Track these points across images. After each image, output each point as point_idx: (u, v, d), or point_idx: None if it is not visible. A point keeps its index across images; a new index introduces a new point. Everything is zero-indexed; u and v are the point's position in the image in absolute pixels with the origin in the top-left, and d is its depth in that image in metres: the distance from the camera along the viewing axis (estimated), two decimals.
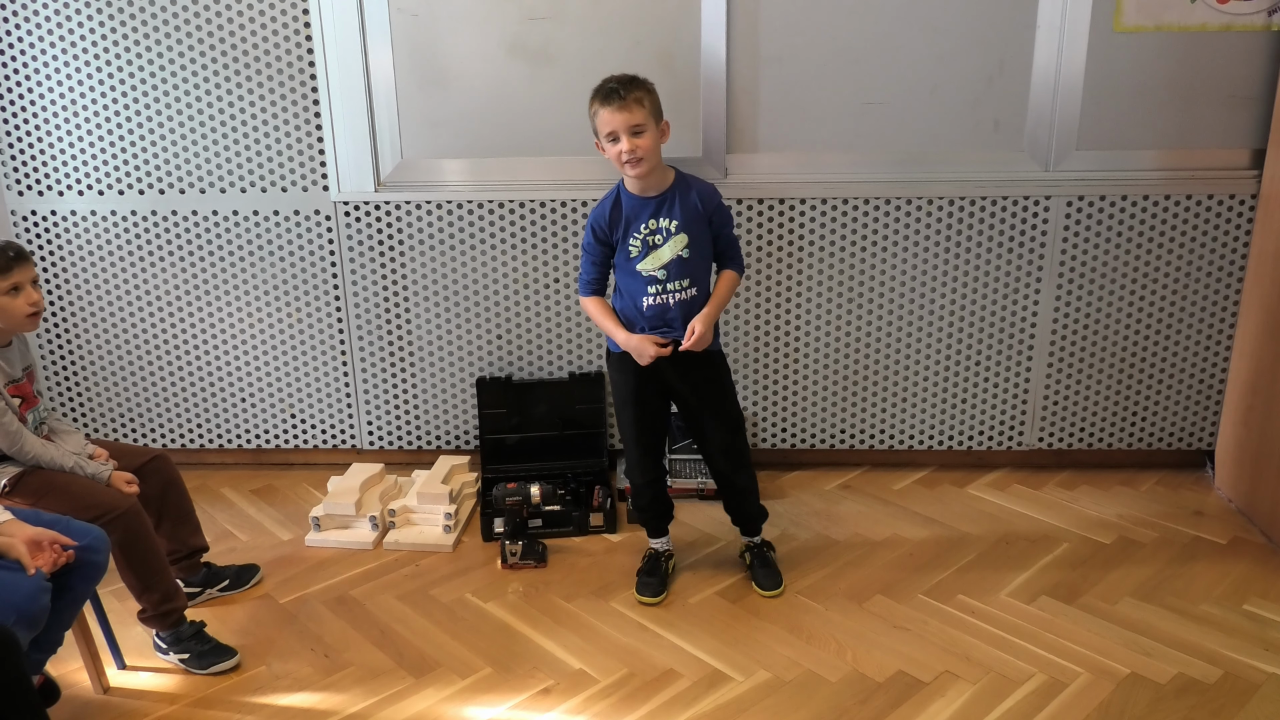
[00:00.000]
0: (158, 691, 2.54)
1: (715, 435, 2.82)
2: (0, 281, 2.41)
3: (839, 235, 3.30)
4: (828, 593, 2.87)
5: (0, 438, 2.45)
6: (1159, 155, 3.19)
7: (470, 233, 3.34)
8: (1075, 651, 2.61)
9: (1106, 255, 3.28)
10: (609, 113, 2.55)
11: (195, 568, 2.87)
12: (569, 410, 3.48)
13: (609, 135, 2.57)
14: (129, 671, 2.62)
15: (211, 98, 3.23)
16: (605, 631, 2.73)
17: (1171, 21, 3.06)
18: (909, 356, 3.42)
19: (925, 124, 3.20)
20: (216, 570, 2.93)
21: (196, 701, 2.50)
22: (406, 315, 3.44)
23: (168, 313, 3.47)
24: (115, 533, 2.41)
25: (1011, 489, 3.44)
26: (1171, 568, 2.96)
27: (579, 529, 3.19)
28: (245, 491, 3.52)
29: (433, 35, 3.17)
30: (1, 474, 2.48)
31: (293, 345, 3.49)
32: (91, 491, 2.49)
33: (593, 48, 3.16)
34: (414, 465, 3.54)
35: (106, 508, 2.45)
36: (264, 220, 3.35)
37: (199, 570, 2.88)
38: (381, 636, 2.73)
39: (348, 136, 3.25)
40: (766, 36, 3.13)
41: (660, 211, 2.65)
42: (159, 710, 2.47)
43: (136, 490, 2.57)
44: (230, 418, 3.59)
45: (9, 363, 2.51)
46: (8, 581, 2.12)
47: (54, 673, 2.52)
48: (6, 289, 2.42)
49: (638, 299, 2.70)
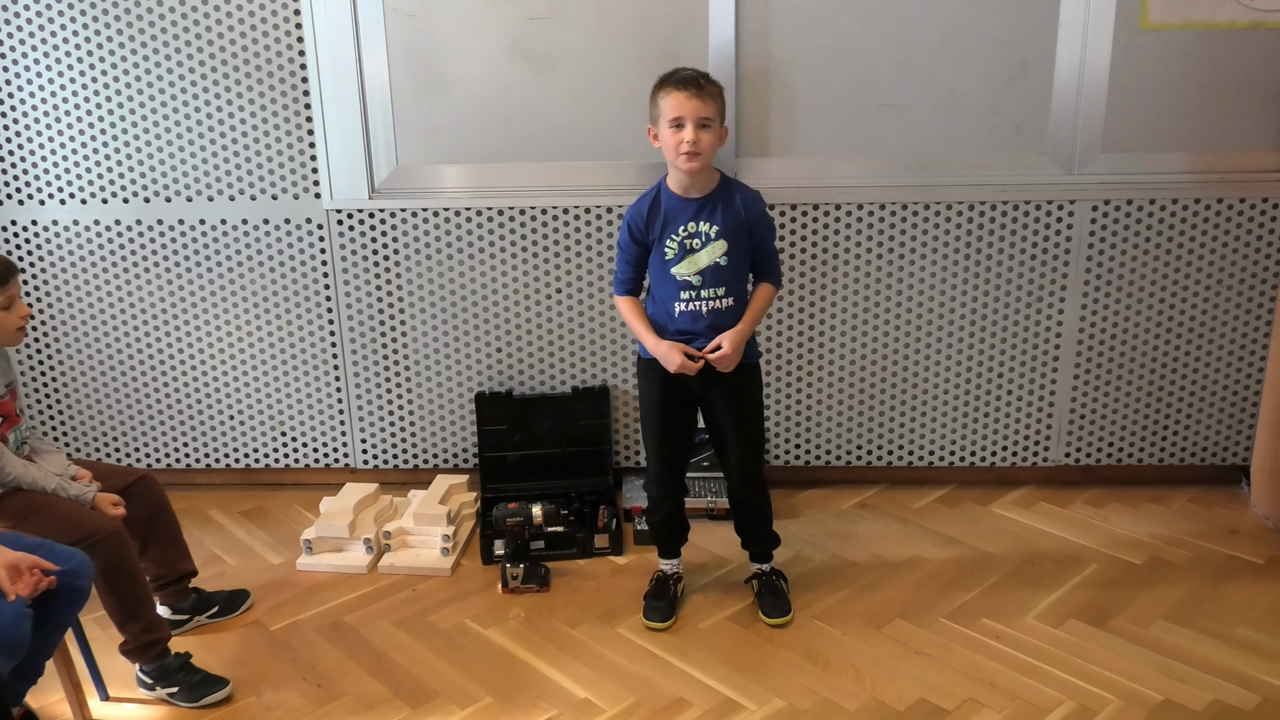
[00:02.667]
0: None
1: (737, 452, 2.81)
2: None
3: (853, 243, 3.30)
4: (845, 617, 2.86)
5: None
6: (1187, 158, 3.19)
7: (469, 241, 3.34)
8: (1105, 678, 2.59)
9: (1134, 262, 3.28)
10: (683, 98, 2.55)
11: (184, 593, 2.86)
12: (573, 426, 3.47)
13: (675, 120, 2.56)
14: (112, 703, 2.61)
15: (199, 102, 3.24)
16: (611, 659, 2.72)
17: (1199, 18, 3.07)
18: (928, 369, 3.42)
19: (943, 127, 3.20)
20: (206, 596, 2.92)
21: None
22: (402, 328, 3.44)
23: (153, 326, 3.47)
24: (99, 557, 2.40)
25: (1037, 507, 3.43)
26: (1206, 589, 2.95)
27: (583, 551, 3.18)
28: (234, 513, 3.52)
29: (430, 36, 3.18)
30: None
31: (283, 360, 3.49)
32: (74, 514, 2.48)
33: (597, 49, 3.17)
34: (410, 485, 3.54)
35: (90, 531, 2.44)
36: (253, 229, 3.35)
37: (188, 596, 2.87)
38: (377, 665, 2.72)
39: (341, 142, 3.26)
40: (777, 37, 3.14)
41: (701, 215, 2.66)
42: None
43: (122, 513, 2.57)
44: (218, 436, 3.59)
45: None
46: None
47: (34, 704, 2.50)
48: (3, 303, 2.45)
49: (669, 304, 2.70)
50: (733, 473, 2.87)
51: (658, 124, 2.62)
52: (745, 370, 2.75)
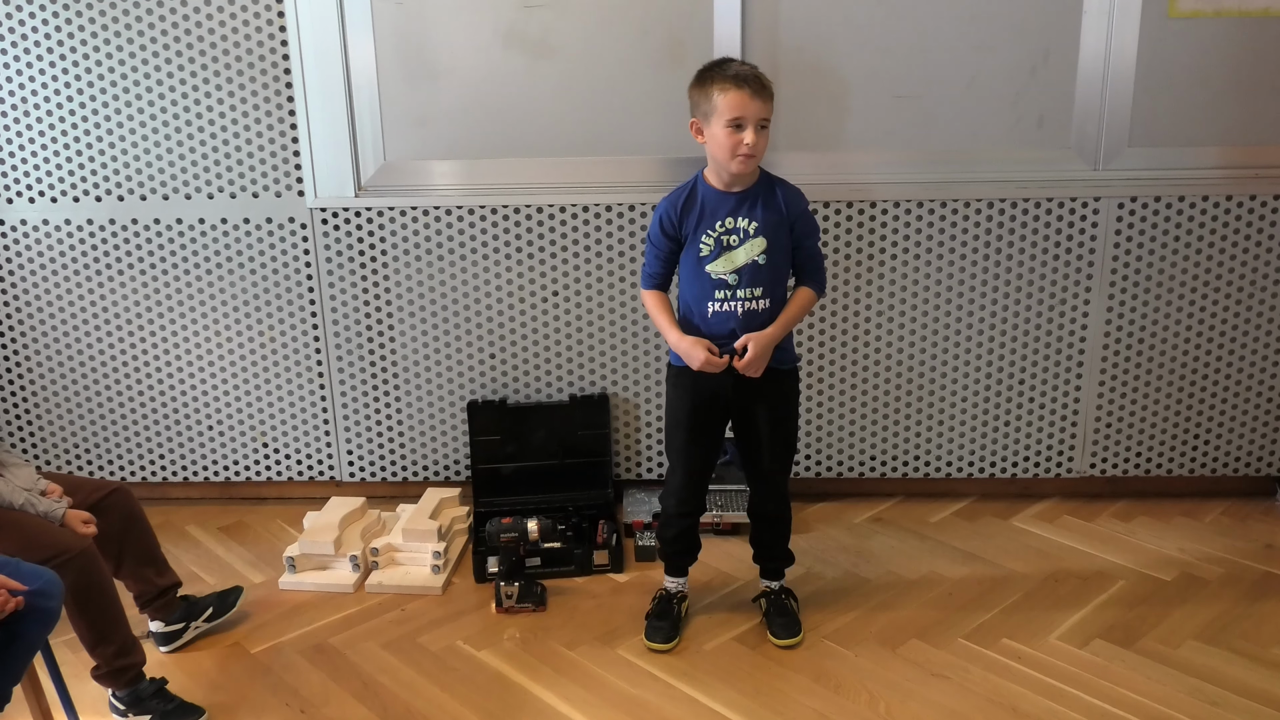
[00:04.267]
0: None
1: (768, 464, 2.81)
2: None
3: (865, 242, 3.30)
4: (858, 637, 2.86)
5: None
6: (1219, 152, 3.19)
7: (461, 241, 3.34)
8: (1134, 701, 2.59)
9: (1163, 262, 3.28)
10: (745, 97, 2.52)
11: (172, 605, 2.85)
12: (570, 437, 3.47)
13: (734, 121, 2.53)
14: None
15: (175, 95, 3.23)
16: (611, 682, 2.72)
17: (1231, 6, 3.07)
18: (945, 375, 3.42)
19: (962, 119, 3.21)
20: (196, 601, 2.92)
21: None
22: (390, 333, 3.44)
23: (128, 331, 3.46)
24: (69, 576, 2.38)
25: (1061, 521, 3.43)
26: (1240, 607, 2.95)
27: (582, 568, 3.18)
28: (213, 529, 3.51)
29: (419, 25, 3.18)
30: None
31: (265, 367, 3.49)
32: (43, 531, 2.46)
33: (596, 37, 3.17)
34: (399, 499, 3.53)
35: (59, 549, 2.42)
36: (233, 229, 3.35)
37: (177, 607, 2.87)
38: (364, 689, 2.71)
39: (325, 136, 3.26)
40: (786, 24, 3.14)
41: (740, 210, 2.63)
42: None
43: (93, 530, 2.55)
44: (197, 447, 3.58)
45: None
46: None
47: None
48: None
49: (702, 304, 2.67)
50: (759, 484, 2.86)
51: (708, 120, 2.57)
52: (781, 377, 2.74)
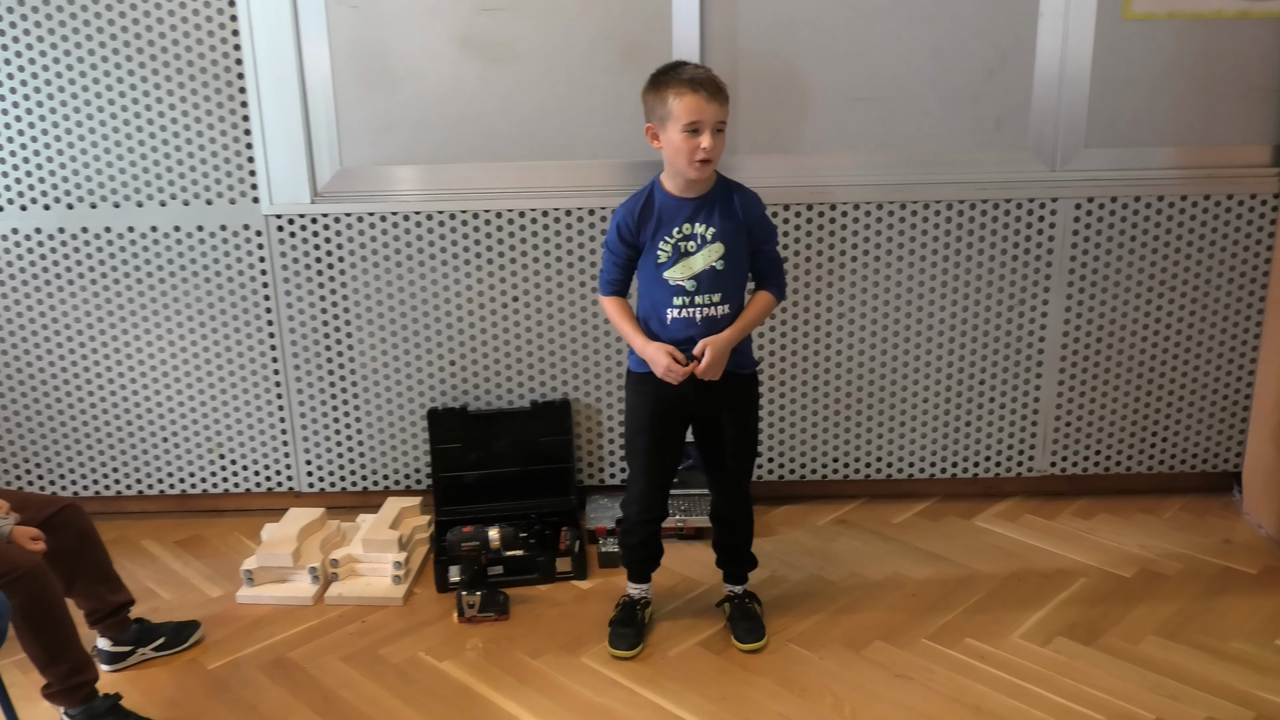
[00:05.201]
0: None
1: (730, 468, 2.82)
2: None
3: (826, 244, 3.32)
4: (823, 640, 2.87)
5: None
6: (1174, 153, 3.23)
7: (419, 247, 3.33)
8: (1096, 698, 2.61)
9: (1119, 261, 3.32)
10: (700, 101, 2.51)
11: (124, 624, 2.82)
12: (532, 444, 3.47)
13: (690, 125, 2.52)
14: None
15: (126, 100, 3.21)
16: (576, 690, 2.71)
17: (1185, 8, 3.11)
18: (907, 376, 3.45)
19: (921, 122, 3.23)
20: (150, 627, 2.89)
21: None
22: (349, 341, 3.43)
23: (79, 343, 3.43)
24: (16, 596, 2.36)
25: (1023, 520, 3.46)
26: (1199, 602, 2.99)
27: (545, 576, 3.18)
28: (169, 543, 3.48)
29: (376, 29, 3.17)
30: None
31: (221, 377, 3.47)
32: None
33: (555, 41, 3.17)
34: (359, 509, 3.52)
35: (7, 567, 2.39)
36: (187, 237, 3.33)
37: (128, 628, 2.84)
38: (325, 704, 2.70)
39: (280, 142, 3.24)
40: (745, 27, 3.16)
41: (698, 216, 2.64)
42: None
43: (42, 548, 2.51)
44: (151, 460, 3.55)
45: None
46: None
47: None
48: None
49: (661, 310, 2.68)
50: (720, 488, 2.87)
51: (664, 125, 2.57)
52: (741, 381, 2.75)
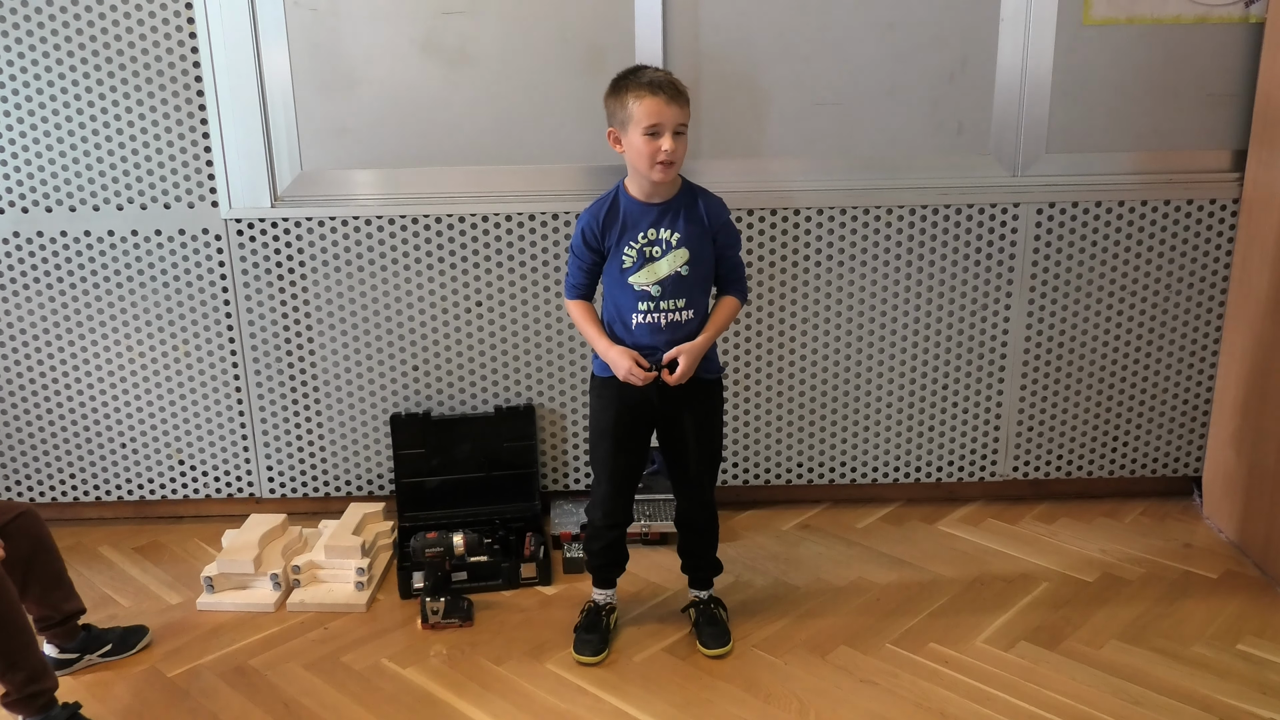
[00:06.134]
0: None
1: (695, 472, 2.83)
2: None
3: (789, 249, 3.34)
4: (787, 645, 2.88)
5: None
6: (1134, 158, 3.27)
7: (381, 252, 3.34)
8: (1058, 702, 2.64)
9: (1081, 266, 3.36)
10: (660, 104, 2.52)
11: (72, 632, 2.82)
12: (496, 449, 3.47)
13: (651, 128, 2.53)
14: None
15: (81, 103, 3.19)
16: (540, 696, 2.72)
17: (1144, 13, 3.15)
18: (870, 381, 3.47)
19: (882, 126, 3.25)
20: (98, 633, 2.88)
21: None
22: (310, 345, 3.43)
23: (35, 348, 3.41)
24: None
25: (985, 524, 3.49)
26: (1160, 606, 3.02)
27: (509, 582, 3.18)
28: (127, 550, 3.46)
29: (335, 33, 3.17)
30: None
31: (180, 382, 3.45)
32: None
33: (515, 45, 3.17)
34: (321, 515, 3.50)
35: None
36: (144, 241, 3.31)
37: (76, 635, 2.83)
38: (286, 712, 2.69)
39: (239, 146, 3.23)
40: (708, 32, 3.17)
41: (662, 221, 2.65)
42: None
43: (1, 554, 2.52)
44: (108, 466, 3.53)
45: None
46: None
47: None
48: None
49: (626, 315, 2.69)
50: (685, 494, 2.88)
51: (625, 128, 2.58)
52: (706, 386, 2.77)
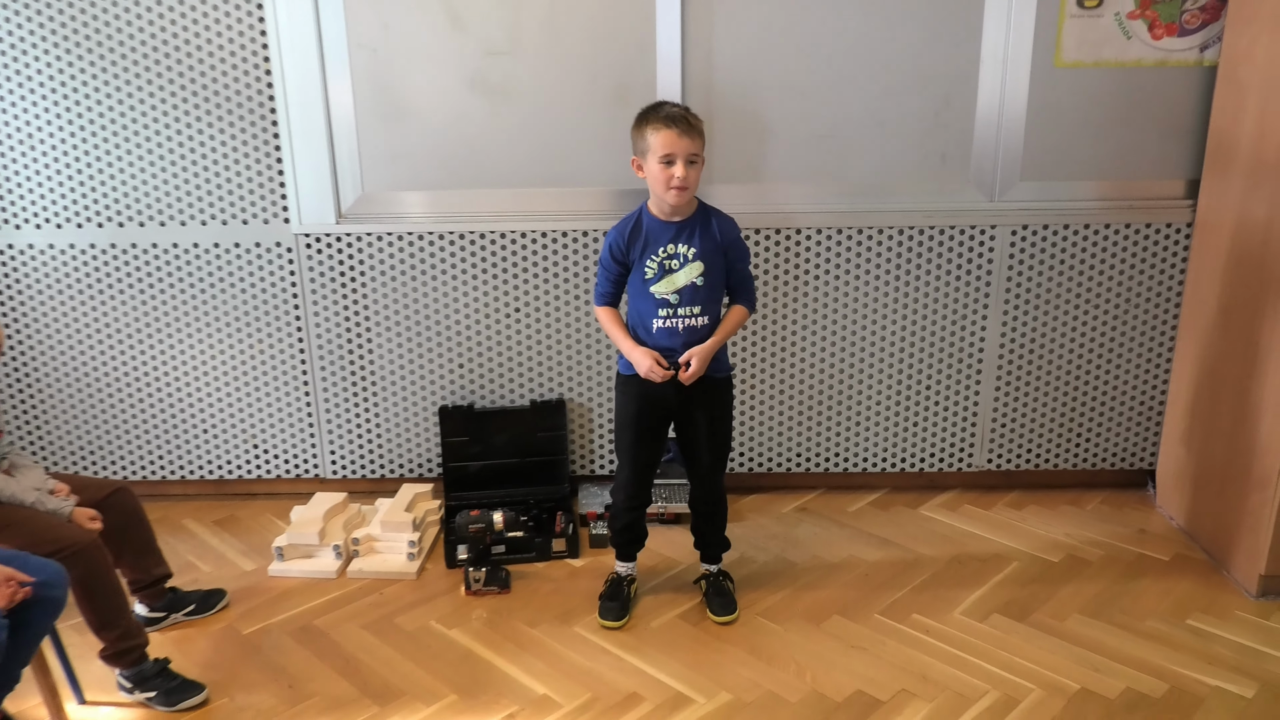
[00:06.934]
0: None
1: (706, 461, 2.81)
2: None
3: (792, 264, 3.30)
4: (787, 614, 2.86)
5: None
6: (1099, 186, 3.22)
7: (431, 263, 3.30)
8: (1027, 668, 2.61)
9: (1050, 282, 3.31)
10: (674, 136, 2.51)
11: (160, 594, 2.83)
12: (530, 438, 3.45)
13: (665, 157, 2.52)
14: (89, 707, 2.55)
15: (171, 131, 3.17)
16: (568, 656, 2.71)
17: (1109, 57, 3.10)
18: (861, 381, 3.43)
19: (875, 156, 3.21)
20: (182, 595, 2.89)
21: None
22: (368, 345, 3.39)
23: (128, 345, 3.39)
24: (75, 568, 2.35)
25: (962, 509, 3.45)
26: (1118, 585, 2.98)
27: (541, 555, 3.16)
28: (208, 522, 3.45)
29: (392, 70, 3.14)
30: None
31: (255, 376, 3.43)
32: (51, 526, 2.42)
33: (551, 83, 3.14)
34: (377, 494, 3.50)
35: (66, 543, 2.38)
36: (224, 252, 3.29)
37: (164, 596, 2.84)
38: (346, 666, 2.68)
39: (308, 169, 3.21)
40: (720, 71, 3.14)
41: (680, 237, 2.63)
42: None
43: (99, 526, 2.51)
44: (192, 449, 3.51)
45: None
46: None
47: (12, 709, 2.45)
48: None
49: (647, 320, 2.67)
50: (698, 481, 2.86)
51: (644, 157, 2.57)
52: (717, 385, 2.75)
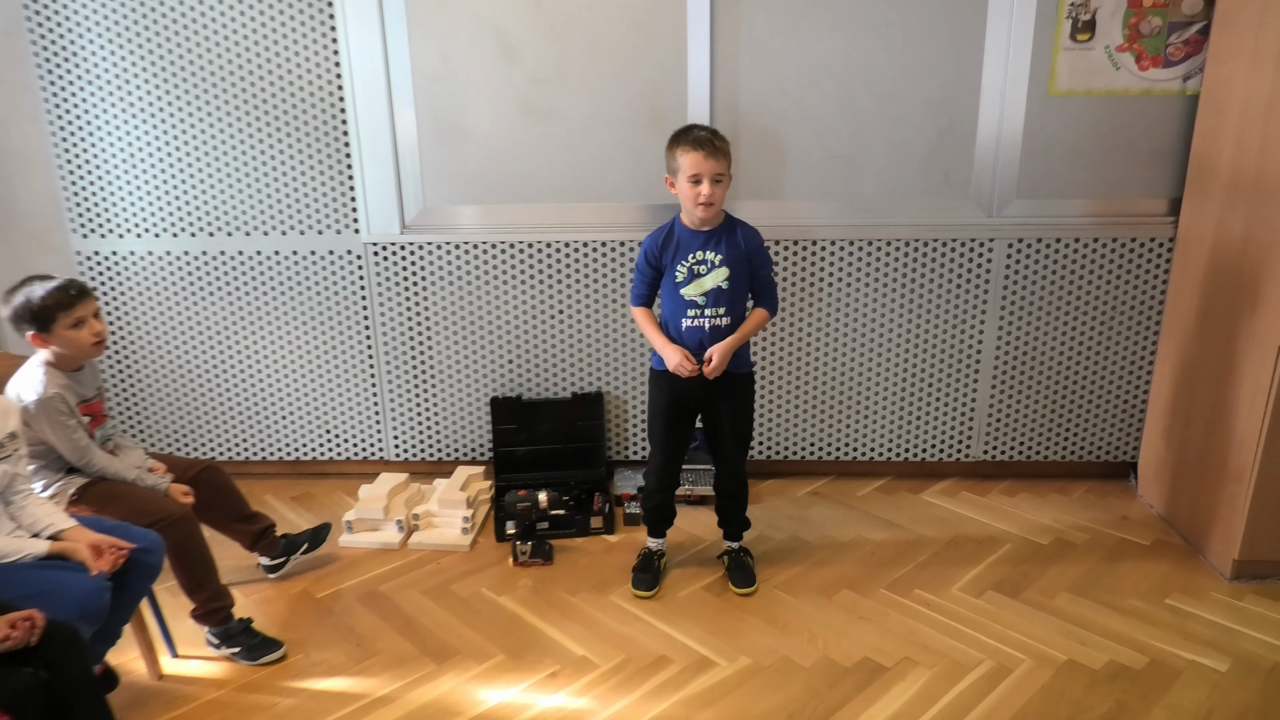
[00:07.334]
0: (206, 678, 2.53)
1: (728, 450, 2.81)
2: (65, 316, 2.39)
3: (808, 273, 3.32)
4: (801, 587, 2.87)
5: (71, 452, 2.45)
6: (1088, 203, 3.21)
7: (484, 269, 3.34)
8: (1019, 640, 2.61)
9: (1043, 290, 3.30)
10: (701, 158, 2.53)
11: (274, 544, 2.88)
12: (572, 427, 3.47)
13: (693, 177, 2.54)
14: (181, 660, 2.61)
15: (256, 152, 3.24)
16: (605, 622, 2.73)
17: (1099, 86, 3.10)
18: (870, 378, 3.43)
19: (884, 175, 3.22)
20: (294, 538, 2.94)
21: (241, 687, 2.49)
22: (428, 341, 3.44)
23: (217, 340, 3.46)
24: (170, 537, 2.40)
25: (960, 496, 3.44)
26: (1102, 566, 2.97)
27: (581, 531, 3.18)
28: (286, 498, 3.50)
29: (451, 97, 3.18)
30: (70, 484, 2.48)
31: (328, 369, 3.48)
32: (149, 500, 2.48)
33: (591, 108, 3.17)
34: (435, 474, 3.53)
35: (162, 514, 2.44)
36: (302, 259, 3.35)
37: (277, 544, 2.89)
38: (407, 626, 2.72)
39: (376, 185, 3.25)
40: (745, 99, 3.15)
41: (708, 245, 2.64)
42: (208, 695, 2.46)
43: (191, 500, 2.56)
44: (272, 433, 3.57)
45: (81, 384, 2.51)
46: (72, 582, 2.12)
47: (113, 662, 2.50)
48: (71, 323, 2.40)
49: (677, 319, 2.69)
50: (722, 467, 2.86)
51: (675, 175, 2.59)
52: (739, 380, 2.75)
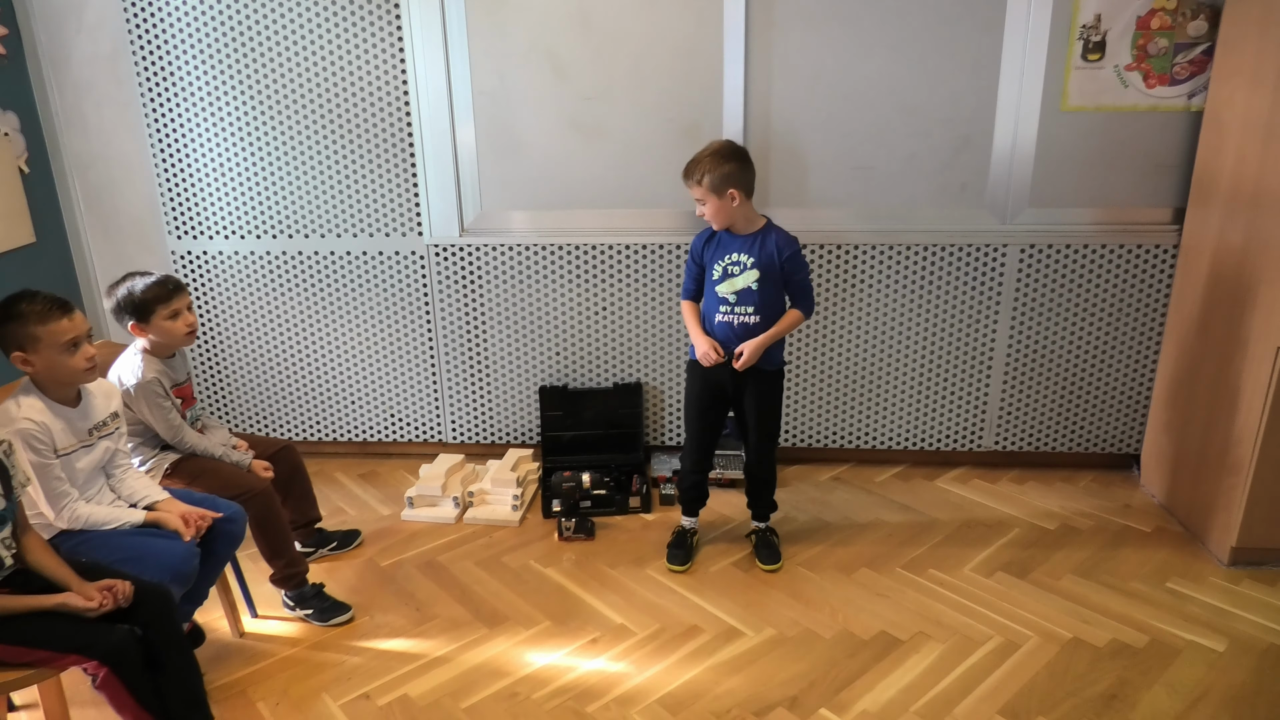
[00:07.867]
0: (282, 636, 2.56)
1: (755, 439, 2.79)
2: (162, 308, 2.43)
3: (834, 274, 3.27)
4: (822, 565, 2.85)
5: (165, 431, 2.48)
6: (1097, 212, 3.14)
7: (535, 270, 3.34)
8: (1026, 618, 2.58)
9: (1053, 293, 3.23)
10: (686, 185, 2.62)
11: (310, 533, 2.90)
12: (613, 414, 3.46)
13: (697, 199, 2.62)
14: (260, 619, 2.64)
15: (330, 162, 3.25)
16: (641, 593, 2.72)
17: (1108, 103, 3.02)
18: (889, 373, 3.38)
19: (905, 185, 3.17)
20: (327, 534, 2.95)
21: (313, 645, 2.52)
22: (483, 335, 3.44)
23: (294, 332, 3.48)
24: (252, 509, 2.43)
25: (972, 483, 3.39)
26: (1105, 551, 2.92)
27: (620, 510, 3.18)
28: (354, 476, 3.53)
29: (507, 113, 3.18)
30: (164, 460, 2.51)
31: (392, 359, 3.49)
32: (234, 475, 2.51)
33: (635, 122, 3.15)
34: (488, 456, 3.54)
35: (245, 488, 2.46)
36: (371, 258, 3.36)
37: (313, 535, 2.91)
38: (462, 594, 2.74)
39: (438, 192, 3.26)
40: (776, 115, 3.12)
41: (743, 248, 2.64)
42: (283, 651, 2.49)
43: (271, 476, 2.58)
44: (342, 416, 3.59)
45: (174, 370, 2.53)
46: (165, 548, 2.16)
47: (200, 620, 2.55)
48: (167, 314, 2.43)
49: (711, 314, 2.69)
50: (751, 453, 2.84)
51: None
52: (768, 376, 2.72)
